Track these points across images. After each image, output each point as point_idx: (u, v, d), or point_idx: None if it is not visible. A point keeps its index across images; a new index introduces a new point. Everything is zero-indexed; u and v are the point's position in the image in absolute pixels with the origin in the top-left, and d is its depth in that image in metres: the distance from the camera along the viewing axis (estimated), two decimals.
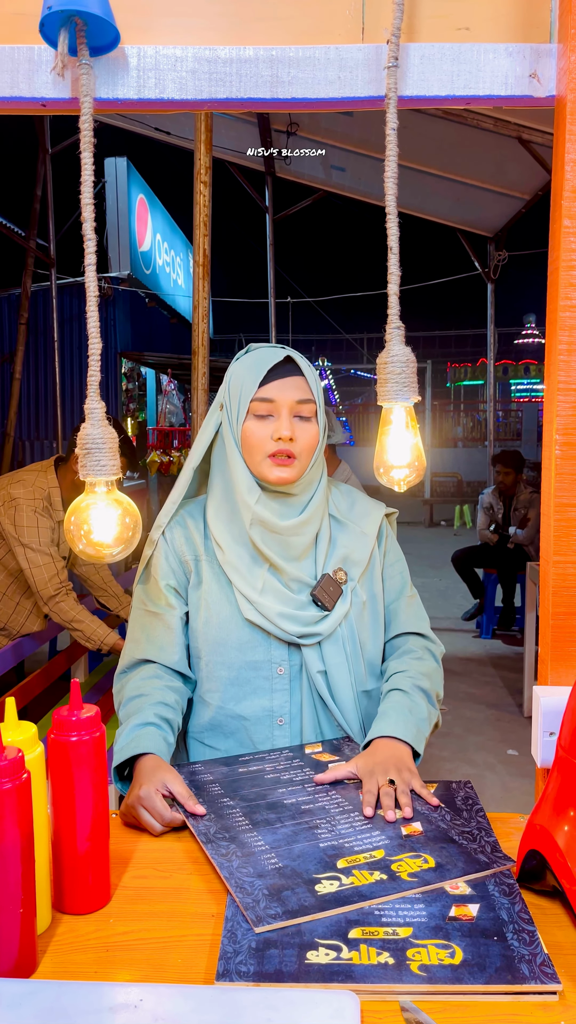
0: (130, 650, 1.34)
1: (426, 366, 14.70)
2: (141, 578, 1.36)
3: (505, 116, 4.42)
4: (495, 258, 7.18)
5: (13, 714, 0.89)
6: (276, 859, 0.97)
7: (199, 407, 3.14)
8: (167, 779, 1.12)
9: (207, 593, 1.31)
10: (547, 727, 1.12)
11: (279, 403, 1.24)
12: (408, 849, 0.99)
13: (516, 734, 3.97)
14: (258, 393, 1.24)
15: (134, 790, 1.12)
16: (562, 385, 1.10)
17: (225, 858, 0.98)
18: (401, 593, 1.41)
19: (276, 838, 1.02)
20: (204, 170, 3.09)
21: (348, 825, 1.04)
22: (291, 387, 1.25)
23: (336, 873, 0.94)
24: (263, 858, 0.97)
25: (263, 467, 1.25)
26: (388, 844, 1.00)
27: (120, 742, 1.21)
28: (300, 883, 0.92)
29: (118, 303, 7.37)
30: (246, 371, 1.27)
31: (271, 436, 1.24)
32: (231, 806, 1.10)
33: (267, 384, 1.24)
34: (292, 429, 1.24)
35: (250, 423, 1.25)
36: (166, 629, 1.31)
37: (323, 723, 1.31)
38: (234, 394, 1.28)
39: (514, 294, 20.67)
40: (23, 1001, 0.75)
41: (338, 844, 1.00)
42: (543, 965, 0.80)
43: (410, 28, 1.12)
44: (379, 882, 0.92)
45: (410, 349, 1.12)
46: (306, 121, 5.54)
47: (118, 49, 1.12)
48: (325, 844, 1.00)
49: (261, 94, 1.12)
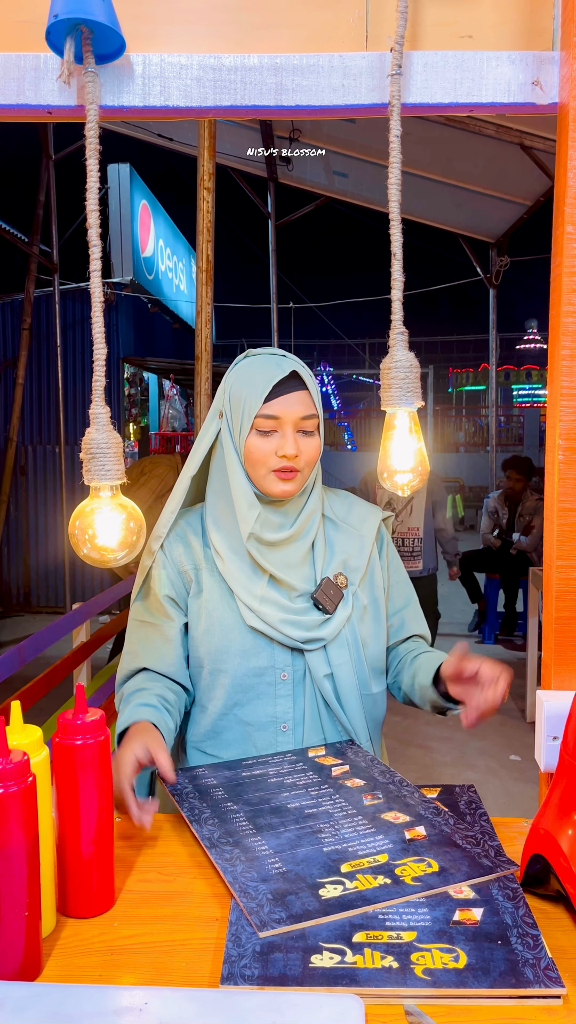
0: (127, 662, 1.33)
1: (428, 371, 14.72)
2: (140, 592, 1.35)
3: (507, 123, 4.44)
4: (497, 263, 7.20)
5: (19, 717, 0.89)
6: (280, 863, 0.97)
7: (202, 412, 3.15)
8: (150, 744, 1.11)
9: (208, 601, 1.30)
10: (550, 731, 1.12)
11: (284, 420, 1.23)
12: (412, 853, 0.99)
13: (519, 739, 3.97)
14: (263, 410, 1.22)
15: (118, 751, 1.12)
16: (565, 390, 1.11)
17: (229, 863, 0.98)
18: (408, 600, 1.43)
19: (280, 843, 1.02)
20: (207, 176, 3.11)
21: (352, 829, 1.04)
22: (296, 403, 1.23)
23: (340, 877, 0.94)
24: (267, 863, 0.97)
25: (266, 481, 1.25)
26: (392, 848, 1.00)
27: (121, 719, 1.22)
28: (304, 887, 0.92)
29: (121, 308, 7.38)
30: (249, 385, 1.25)
31: (275, 452, 1.23)
32: (235, 811, 1.10)
33: (272, 401, 1.22)
34: (297, 446, 1.23)
35: (254, 439, 1.24)
36: (164, 641, 1.31)
37: (327, 727, 1.31)
38: (236, 407, 1.26)
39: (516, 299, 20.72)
40: (28, 1004, 0.75)
41: (342, 848, 1.00)
42: (547, 969, 0.80)
43: (413, 36, 1.13)
44: (383, 886, 0.92)
45: (413, 354, 1.13)
46: (308, 127, 5.56)
47: (123, 57, 1.12)
48: (329, 849, 1.00)
49: (265, 101, 1.13)
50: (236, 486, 1.27)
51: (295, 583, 1.28)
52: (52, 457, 7.25)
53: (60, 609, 7.06)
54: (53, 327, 6.61)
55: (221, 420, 1.30)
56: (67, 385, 6.89)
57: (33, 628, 6.32)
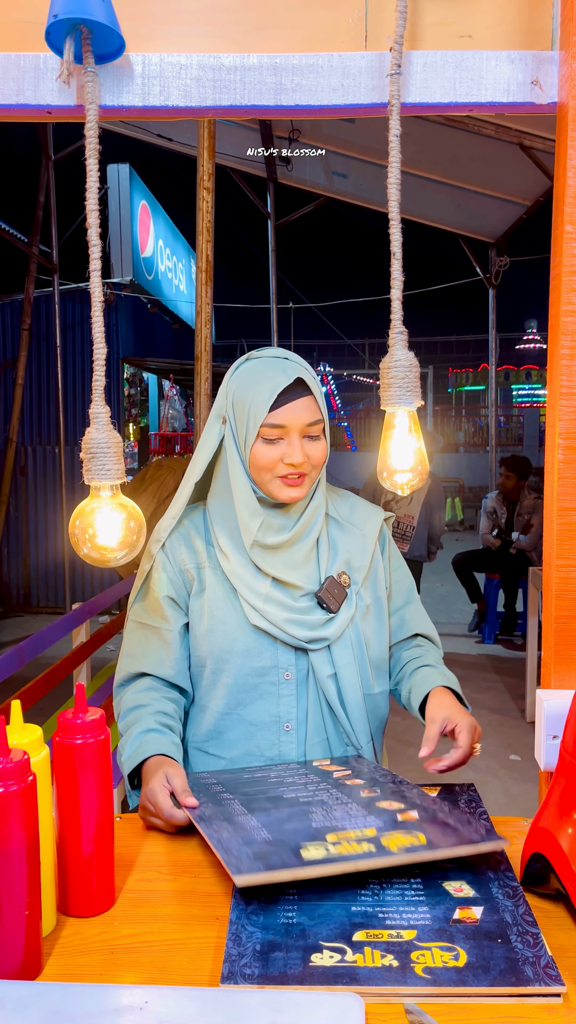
0: (126, 664, 1.33)
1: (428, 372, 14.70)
2: (139, 593, 1.34)
3: (506, 122, 4.44)
4: (496, 264, 7.20)
5: (19, 717, 0.89)
6: (267, 833, 0.98)
7: (202, 412, 3.15)
8: (168, 772, 1.14)
9: (211, 600, 1.30)
10: (550, 730, 1.12)
11: (290, 428, 1.22)
12: (401, 828, 0.99)
13: (518, 739, 3.97)
14: (268, 418, 1.21)
15: (143, 791, 1.14)
16: (564, 389, 1.11)
17: (216, 832, 0.99)
18: (409, 598, 1.43)
19: (270, 820, 1.02)
20: (207, 176, 3.11)
21: (344, 813, 1.05)
22: (302, 410, 1.22)
23: (324, 844, 0.95)
24: (254, 833, 0.98)
25: (272, 486, 1.25)
26: (381, 826, 1.00)
27: (126, 752, 1.22)
28: (287, 849, 0.93)
29: (120, 309, 7.37)
30: (253, 392, 1.23)
31: (282, 459, 1.22)
32: (230, 799, 1.11)
33: (278, 409, 1.21)
34: (304, 452, 1.22)
35: (260, 446, 1.23)
36: (162, 643, 1.30)
37: (329, 727, 1.31)
38: (240, 414, 1.24)
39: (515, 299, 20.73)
40: (29, 1003, 0.75)
41: (331, 825, 1.01)
42: (547, 967, 0.80)
43: (413, 36, 1.13)
44: (366, 852, 0.92)
45: (413, 353, 1.13)
46: (308, 128, 5.56)
47: (123, 57, 1.12)
48: (318, 825, 1.01)
49: (265, 101, 1.13)
50: (239, 494, 1.26)
51: (299, 582, 1.28)
52: (52, 458, 7.24)
53: (60, 609, 7.05)
54: (53, 327, 6.60)
55: (224, 426, 1.29)
56: (67, 386, 6.89)
57: (33, 628, 6.32)
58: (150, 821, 1.13)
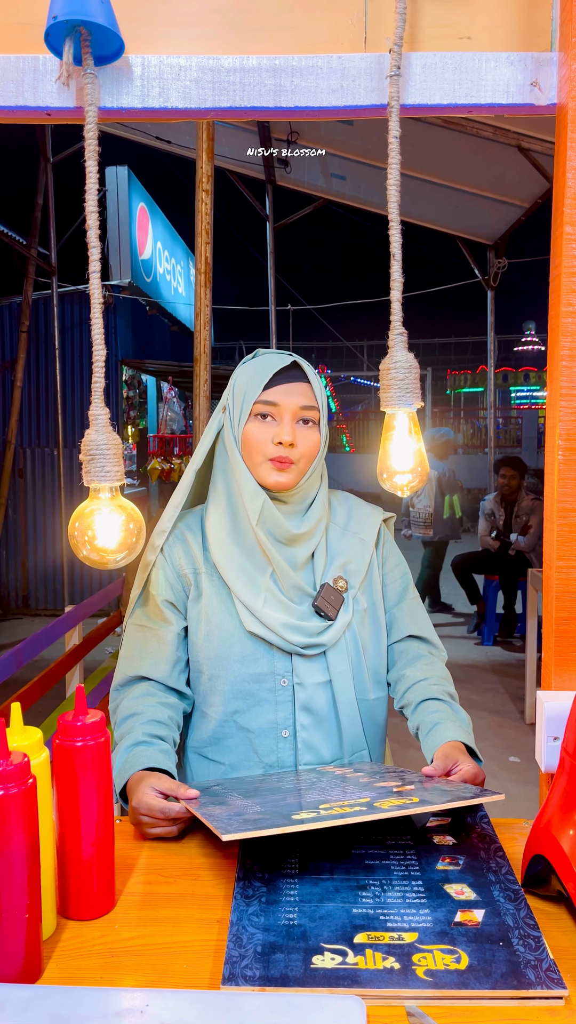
0: (124, 667, 1.32)
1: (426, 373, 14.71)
2: (139, 598, 1.34)
3: (505, 124, 4.45)
4: (495, 265, 7.21)
5: (19, 719, 0.89)
6: (259, 808, 0.99)
7: (201, 414, 3.15)
8: (151, 783, 1.12)
9: (207, 606, 1.29)
10: (551, 732, 1.12)
11: (282, 407, 1.24)
12: (395, 796, 1.00)
13: (518, 741, 3.96)
14: (262, 396, 1.24)
15: (130, 807, 1.13)
16: (564, 391, 1.11)
17: (209, 812, 1.00)
18: (403, 597, 1.40)
19: (265, 800, 1.03)
20: (206, 178, 3.11)
21: (340, 791, 1.05)
22: (296, 392, 1.25)
23: (315, 811, 0.95)
24: (248, 809, 0.99)
25: (261, 470, 1.25)
26: (376, 796, 1.01)
27: (115, 768, 1.20)
28: (278, 816, 0.94)
29: (119, 311, 7.37)
30: (251, 374, 1.27)
31: (272, 439, 1.24)
32: (229, 791, 1.12)
33: (272, 388, 1.25)
34: (294, 434, 1.24)
35: (251, 425, 1.25)
36: (161, 645, 1.30)
37: (327, 734, 1.30)
38: (238, 396, 1.28)
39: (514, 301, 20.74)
40: (29, 1007, 0.75)
41: (325, 798, 1.02)
42: (549, 970, 0.79)
43: (412, 37, 1.13)
44: (356, 811, 0.93)
45: (412, 355, 1.13)
46: (306, 129, 5.57)
47: (122, 58, 1.12)
48: (311, 799, 1.01)
49: (264, 103, 1.13)
50: (239, 476, 1.27)
51: (296, 582, 1.28)
52: (51, 460, 7.24)
53: (58, 611, 7.04)
54: (51, 330, 6.60)
55: (224, 415, 1.31)
56: (65, 388, 6.89)
57: (32, 631, 6.31)
58: (145, 830, 1.10)
